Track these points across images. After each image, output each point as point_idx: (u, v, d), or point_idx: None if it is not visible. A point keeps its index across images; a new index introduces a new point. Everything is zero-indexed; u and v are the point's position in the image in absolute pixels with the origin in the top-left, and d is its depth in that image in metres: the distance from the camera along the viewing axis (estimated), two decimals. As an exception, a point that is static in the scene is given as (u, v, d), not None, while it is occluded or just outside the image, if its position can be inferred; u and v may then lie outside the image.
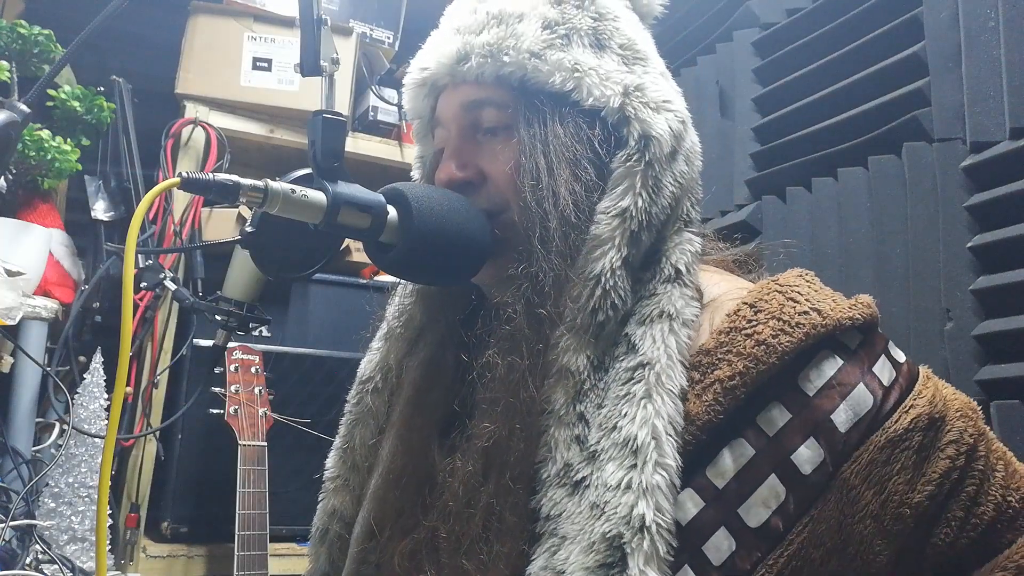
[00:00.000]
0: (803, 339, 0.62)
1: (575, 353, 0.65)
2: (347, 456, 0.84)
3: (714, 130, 1.66)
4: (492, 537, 0.64)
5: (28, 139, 1.51)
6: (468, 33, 0.74)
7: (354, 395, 0.86)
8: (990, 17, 1.14)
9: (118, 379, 0.60)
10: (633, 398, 0.62)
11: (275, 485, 1.50)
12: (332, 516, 0.83)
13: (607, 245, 0.66)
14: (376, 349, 0.86)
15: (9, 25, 1.55)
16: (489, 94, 0.73)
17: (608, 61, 0.72)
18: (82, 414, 1.53)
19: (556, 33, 0.72)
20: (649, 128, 0.68)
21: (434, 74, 0.76)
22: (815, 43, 1.47)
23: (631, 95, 0.70)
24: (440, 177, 0.75)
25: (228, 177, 0.63)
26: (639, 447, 0.60)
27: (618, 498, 0.59)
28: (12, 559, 1.35)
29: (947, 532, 0.63)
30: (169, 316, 1.72)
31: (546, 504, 0.62)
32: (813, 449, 0.61)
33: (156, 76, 1.86)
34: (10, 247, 1.44)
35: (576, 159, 0.69)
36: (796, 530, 0.60)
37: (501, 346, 0.68)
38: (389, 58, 2.13)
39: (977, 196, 1.13)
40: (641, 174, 0.67)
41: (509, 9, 0.73)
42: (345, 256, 1.92)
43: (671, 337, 0.64)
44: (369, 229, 0.68)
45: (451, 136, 0.76)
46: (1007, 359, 1.06)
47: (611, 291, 0.65)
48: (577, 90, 0.70)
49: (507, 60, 0.71)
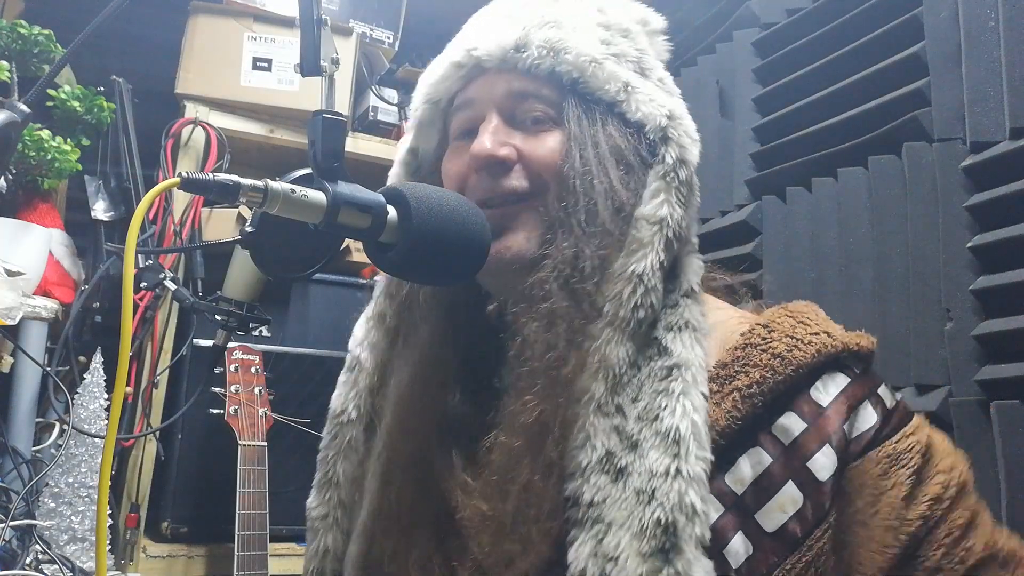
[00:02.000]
0: (815, 355, 0.66)
1: (616, 345, 0.67)
2: (332, 493, 0.83)
3: (714, 130, 1.66)
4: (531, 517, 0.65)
5: (28, 139, 1.51)
6: (528, 25, 0.75)
7: (329, 431, 0.85)
8: (990, 17, 1.14)
9: (118, 379, 0.59)
10: (672, 394, 0.65)
11: (275, 485, 1.50)
12: (324, 556, 0.82)
13: (648, 248, 0.69)
14: (343, 382, 0.85)
15: (9, 25, 1.55)
16: (539, 88, 0.75)
17: (651, 86, 0.76)
18: (82, 414, 1.53)
19: (610, 50, 0.76)
20: (685, 154, 0.73)
21: (484, 55, 0.76)
22: (815, 43, 1.47)
23: (674, 119, 0.74)
24: (475, 150, 0.74)
25: (228, 177, 0.63)
26: (681, 437, 0.62)
27: (667, 484, 0.61)
28: (12, 559, 1.35)
29: (934, 556, 0.63)
30: (169, 316, 1.72)
31: (588, 490, 0.63)
32: (828, 456, 0.64)
33: (156, 76, 1.86)
34: (10, 247, 1.44)
35: (627, 159, 0.72)
36: (815, 535, 0.62)
37: (539, 323, 0.69)
38: (389, 58, 2.13)
39: (977, 196, 1.13)
40: (676, 190, 0.71)
41: (564, 18, 0.76)
42: (345, 256, 1.92)
43: (697, 347, 0.68)
44: (369, 229, 0.67)
45: (490, 116, 0.76)
46: (1007, 359, 1.06)
47: (651, 290, 0.68)
48: (627, 102, 0.73)
49: (568, 59, 0.73)
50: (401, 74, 2.14)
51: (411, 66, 2.16)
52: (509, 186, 0.73)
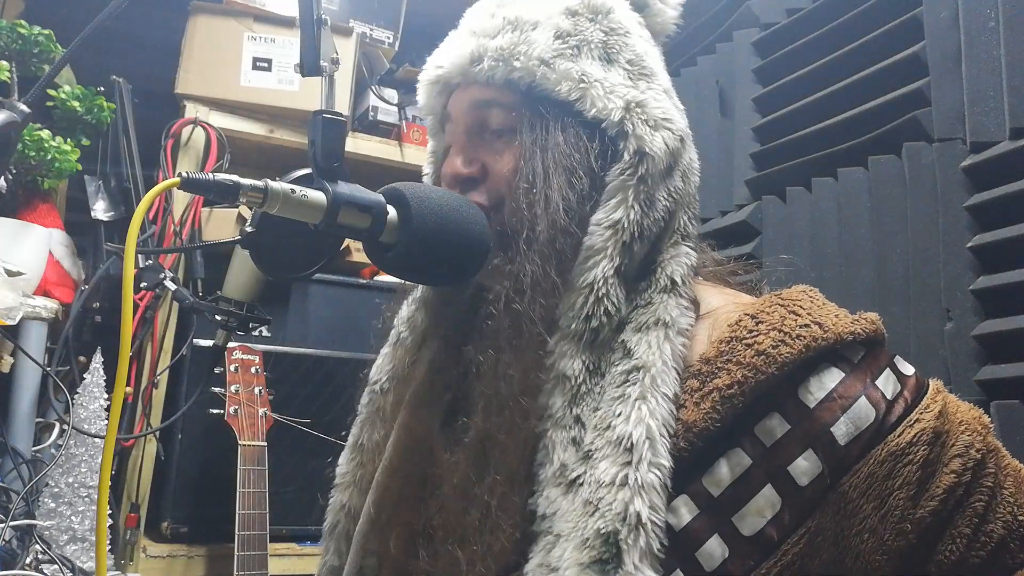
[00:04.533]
0: (803, 351, 0.63)
1: (571, 359, 0.66)
2: (356, 454, 0.86)
3: (714, 130, 1.66)
4: (486, 532, 0.65)
5: (28, 139, 1.51)
6: (483, 36, 0.76)
7: (365, 396, 0.88)
8: (990, 17, 1.14)
9: (118, 379, 0.60)
10: (628, 399, 0.63)
11: (275, 485, 1.50)
12: (341, 511, 0.85)
13: (600, 255, 0.67)
14: (384, 354, 0.88)
15: (9, 25, 1.55)
16: (497, 96, 0.75)
17: (615, 75, 0.74)
18: (82, 414, 1.53)
19: (567, 43, 0.74)
20: (644, 145, 0.70)
21: (447, 73, 0.78)
22: (815, 43, 1.47)
23: (632, 110, 0.71)
24: (445, 171, 0.77)
25: (228, 177, 0.63)
26: (633, 445, 0.61)
27: (612, 494, 0.60)
28: (12, 559, 1.35)
29: (952, 549, 0.62)
30: (169, 316, 1.72)
31: (542, 503, 0.63)
32: (811, 461, 0.61)
33: (156, 76, 1.86)
34: (10, 247, 1.44)
35: (573, 167, 0.70)
36: (791, 540, 0.60)
37: (486, 342, 0.70)
38: (389, 58, 2.13)
39: (977, 196, 1.13)
40: (634, 188, 0.69)
41: (525, 16, 0.75)
42: (345, 256, 1.92)
43: (666, 344, 0.65)
44: (369, 229, 0.68)
45: (458, 133, 0.78)
46: (1007, 359, 1.06)
47: (604, 299, 0.67)
48: (581, 100, 0.72)
49: (517, 65, 0.73)
50: (401, 74, 2.14)
51: (411, 66, 2.16)
52: (479, 201, 0.74)
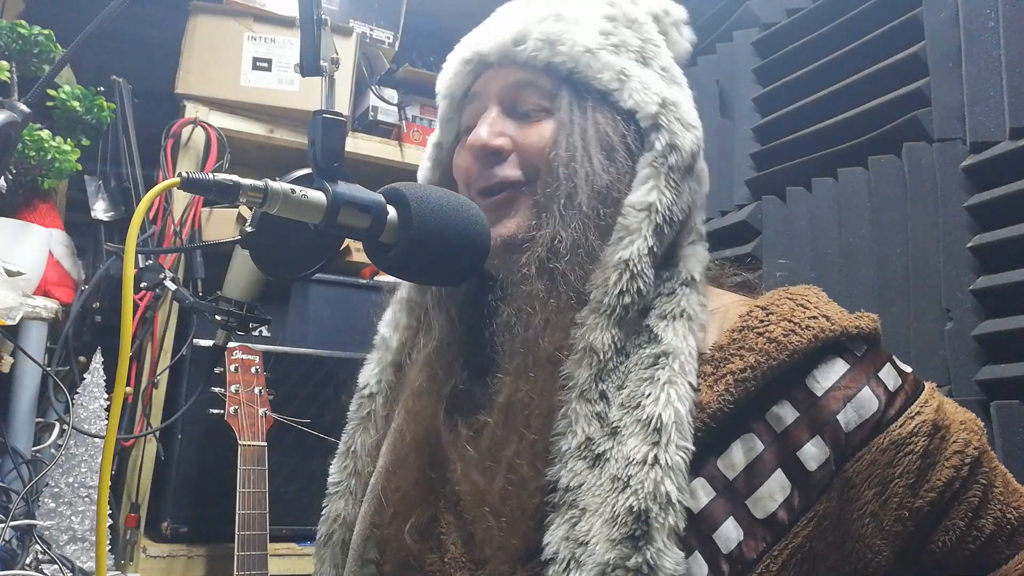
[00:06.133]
0: (812, 340, 0.66)
1: (601, 332, 0.67)
2: (349, 461, 0.86)
3: (714, 130, 1.66)
4: (511, 499, 0.66)
5: (28, 139, 1.51)
6: (528, 20, 0.78)
7: (355, 403, 0.89)
8: (990, 17, 1.14)
9: (118, 379, 0.59)
10: (657, 382, 0.65)
11: (275, 485, 1.50)
12: (335, 521, 0.85)
13: (635, 234, 0.69)
14: (371, 359, 0.89)
15: (9, 25, 1.55)
16: (534, 78, 0.77)
17: (649, 75, 0.77)
18: (82, 414, 1.53)
19: (609, 40, 0.77)
20: (676, 139, 0.73)
21: (486, 51, 0.80)
22: (815, 43, 1.47)
23: (668, 107, 0.74)
24: (471, 141, 0.77)
25: (228, 177, 0.63)
26: (663, 426, 0.62)
27: (644, 472, 0.61)
28: (12, 559, 1.35)
29: (946, 540, 0.66)
30: (169, 316, 1.72)
31: (565, 475, 0.64)
32: (818, 447, 0.64)
33: (156, 76, 1.86)
34: (10, 247, 1.44)
35: (612, 146, 0.73)
36: (801, 523, 0.63)
37: (516, 304, 0.71)
38: (389, 58, 2.13)
39: (977, 196, 1.13)
40: (665, 175, 0.72)
41: (567, 14, 0.78)
42: (345, 256, 1.92)
43: (690, 336, 0.68)
44: (369, 229, 0.68)
45: (489, 108, 0.79)
46: (1007, 359, 1.06)
47: (638, 276, 0.68)
48: (619, 91, 0.75)
49: (563, 50, 0.76)
50: (401, 74, 2.14)
51: (411, 66, 2.16)
52: (504, 175, 0.76)
